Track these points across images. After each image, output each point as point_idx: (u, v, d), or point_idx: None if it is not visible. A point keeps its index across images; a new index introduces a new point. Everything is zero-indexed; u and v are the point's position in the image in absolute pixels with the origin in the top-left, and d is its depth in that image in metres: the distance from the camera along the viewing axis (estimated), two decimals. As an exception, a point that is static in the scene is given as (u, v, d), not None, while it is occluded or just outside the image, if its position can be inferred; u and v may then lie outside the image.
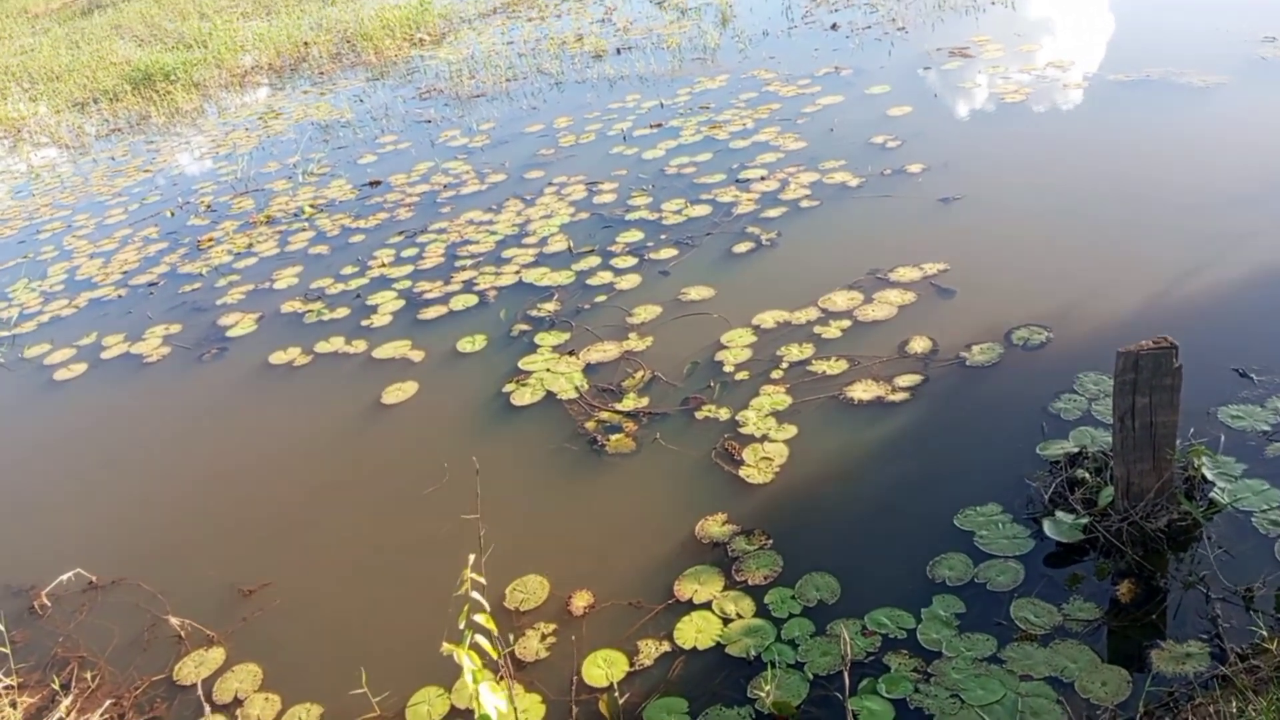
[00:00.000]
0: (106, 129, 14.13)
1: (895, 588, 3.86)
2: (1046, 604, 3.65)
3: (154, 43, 18.51)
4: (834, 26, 11.69)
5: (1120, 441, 3.71)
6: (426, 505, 4.95)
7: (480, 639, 2.19)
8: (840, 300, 5.85)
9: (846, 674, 3.10)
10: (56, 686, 4.19)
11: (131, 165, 12.04)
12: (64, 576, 4.80)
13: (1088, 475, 4.07)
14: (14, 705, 4.11)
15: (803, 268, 6.37)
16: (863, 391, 5.03)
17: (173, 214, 9.91)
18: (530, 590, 4.24)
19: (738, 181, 7.83)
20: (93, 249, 9.37)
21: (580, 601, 4.13)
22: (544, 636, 4.00)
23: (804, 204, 7.22)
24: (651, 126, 9.53)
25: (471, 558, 2.30)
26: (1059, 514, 3.94)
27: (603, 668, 3.78)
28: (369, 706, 3.81)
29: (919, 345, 5.30)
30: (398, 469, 5.30)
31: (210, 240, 8.97)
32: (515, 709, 2.31)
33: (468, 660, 2.14)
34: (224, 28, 18.11)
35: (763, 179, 7.78)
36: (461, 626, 2.25)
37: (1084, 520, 3.87)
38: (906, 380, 5.04)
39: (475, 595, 2.19)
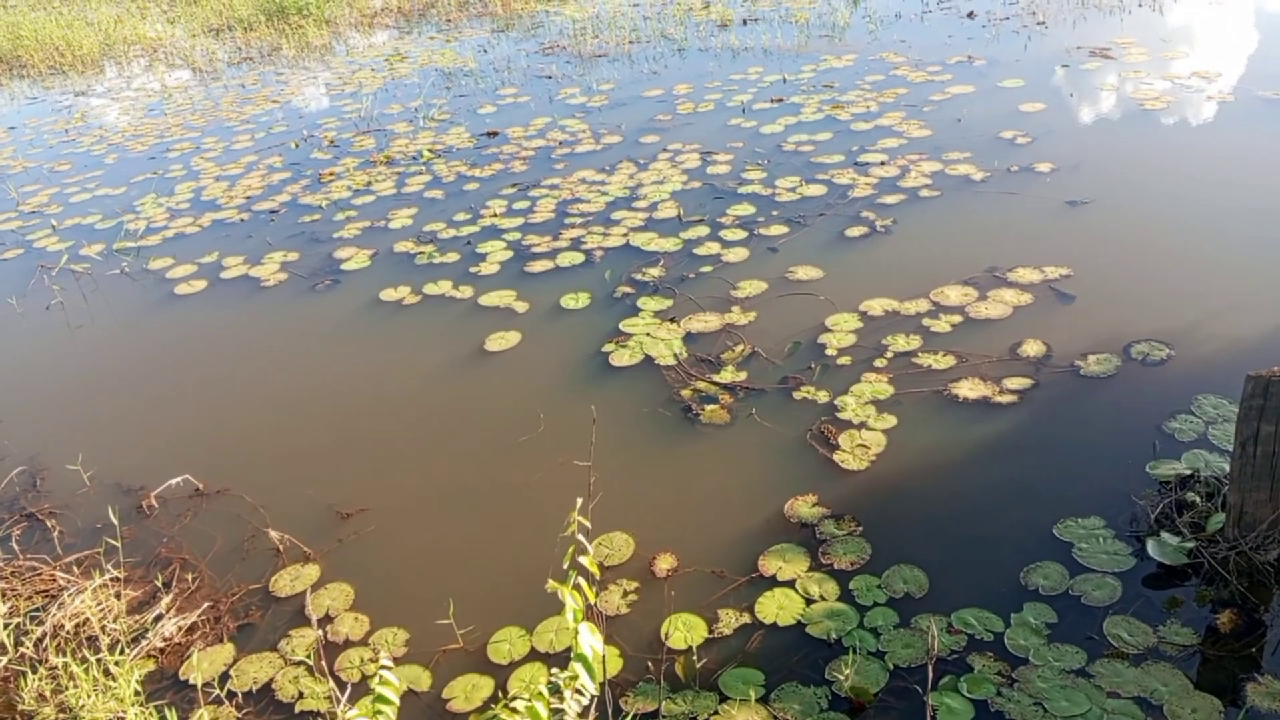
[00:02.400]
0: (238, 56, 14.56)
1: (985, 589, 3.81)
2: (1142, 624, 3.56)
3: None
4: (971, 14, 11.38)
5: (1239, 468, 3.59)
6: (519, 452, 5.04)
7: (581, 582, 2.23)
8: (953, 294, 5.74)
9: (931, 668, 3.08)
10: (159, 584, 4.40)
11: (260, 94, 12.39)
12: (173, 481, 5.03)
13: (1198, 499, 3.95)
14: (118, 596, 4.33)
15: (917, 258, 6.26)
16: (969, 389, 4.94)
17: (297, 145, 10.19)
18: (615, 547, 4.30)
19: (856, 164, 7.72)
20: (219, 171, 9.70)
21: (664, 564, 4.17)
22: (626, 593, 4.05)
23: (923, 193, 7.08)
24: (772, 101, 9.43)
25: (579, 501, 2.34)
26: (1164, 535, 3.83)
27: (682, 630, 3.81)
28: (452, 637, 3.92)
29: (1032, 349, 5.18)
30: (494, 414, 5.40)
31: (331, 175, 9.20)
32: (603, 655, 2.35)
33: (570, 599, 2.19)
34: (358, -33, 18.41)
35: (882, 164, 7.65)
36: (565, 566, 2.29)
37: (1190, 544, 3.75)
38: (1016, 383, 4.94)
39: (580, 539, 2.23)
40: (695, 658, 3.65)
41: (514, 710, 2.25)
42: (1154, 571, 3.79)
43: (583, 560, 2.24)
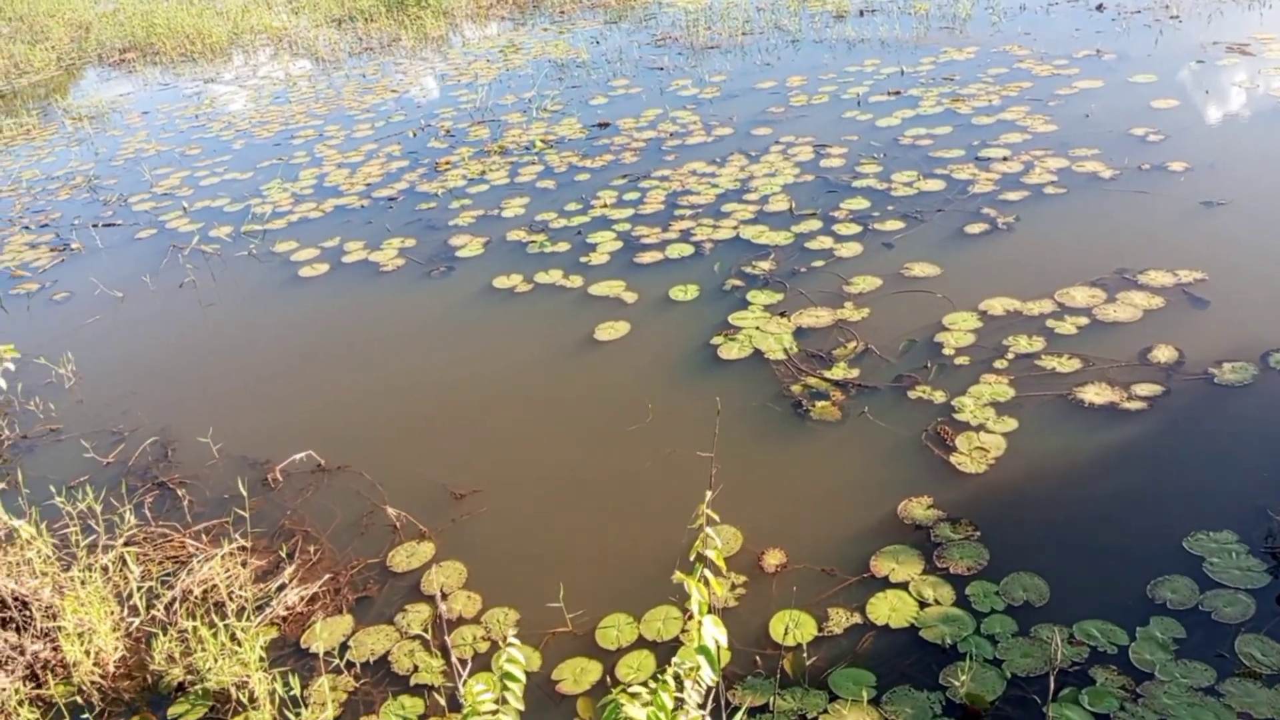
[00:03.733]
0: (359, 47, 14.97)
1: (1109, 601, 3.68)
2: (1277, 643, 3.40)
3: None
4: (1099, 7, 10.97)
5: (1395, 487, 3.38)
6: (628, 441, 5.08)
7: (708, 574, 2.23)
8: (1080, 296, 5.55)
9: (1052, 678, 2.99)
10: (283, 554, 4.57)
11: (380, 84, 12.72)
12: (297, 456, 5.21)
13: (1345, 519, 3.74)
14: (244, 565, 4.51)
15: (1040, 257, 6.07)
16: (1095, 394, 4.77)
17: (415, 135, 10.43)
18: (724, 539, 4.26)
19: (977, 159, 7.52)
20: (340, 159, 10.00)
21: (772, 559, 4.15)
22: (734, 586, 4.04)
23: (1048, 190, 6.86)
24: (889, 94, 9.26)
25: (709, 494, 2.34)
26: (1306, 554, 3.64)
27: (791, 627, 3.79)
28: (561, 620, 3.98)
29: (1163, 354, 4.97)
30: (603, 403, 5.45)
31: (447, 164, 9.39)
32: (723, 649, 2.34)
33: (696, 592, 2.19)
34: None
35: (1005, 159, 7.44)
36: (691, 558, 2.30)
37: (1335, 565, 3.56)
38: (1145, 389, 4.75)
39: (709, 532, 2.23)
40: (805, 655, 3.62)
41: (634, 695, 2.27)
42: (1293, 592, 3.61)
43: (709, 554, 2.24)
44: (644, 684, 2.43)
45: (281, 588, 4.37)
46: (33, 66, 16.65)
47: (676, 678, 2.30)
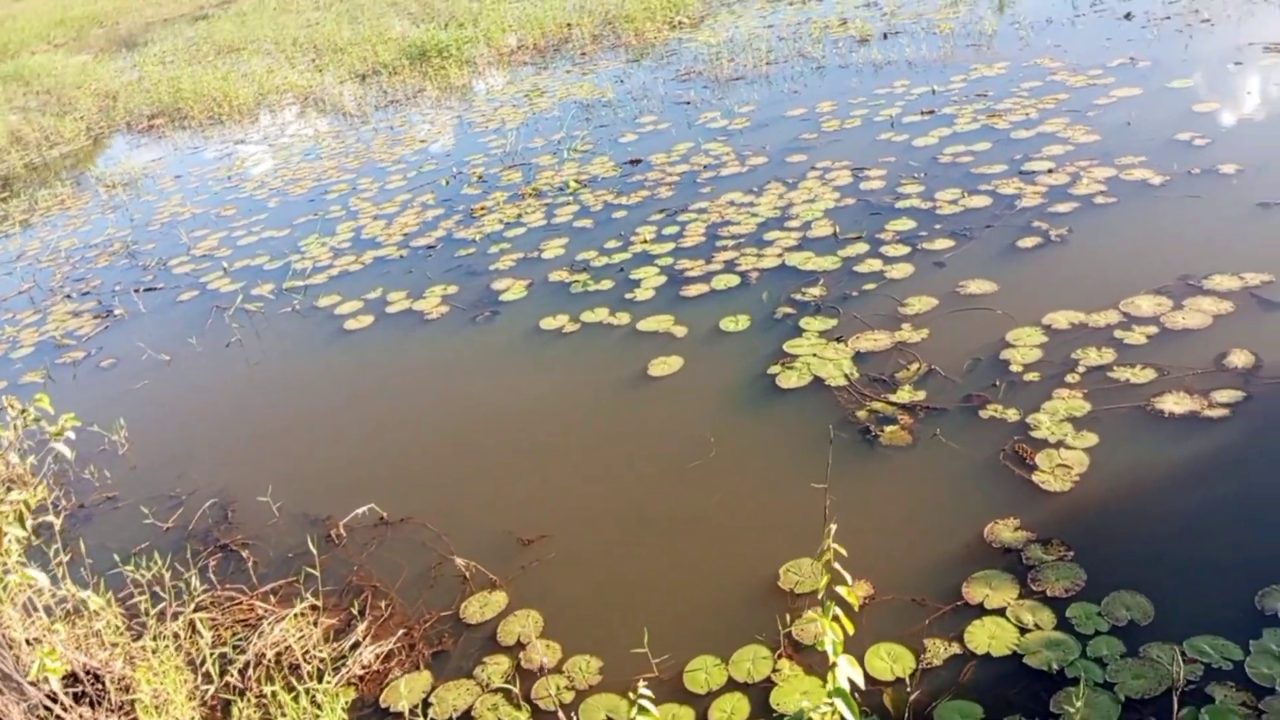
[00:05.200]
0: (385, 100, 15.13)
1: (1217, 615, 3.53)
2: None
3: (426, 20, 19.63)
4: (1128, 16, 10.87)
5: None
6: (693, 477, 4.97)
7: (838, 612, 2.13)
8: (1145, 305, 5.42)
9: (1176, 699, 2.84)
10: (354, 611, 4.48)
11: (409, 135, 12.82)
12: (359, 510, 5.15)
13: None
14: (315, 624, 4.43)
15: (1099, 267, 5.94)
16: (1174, 404, 4.63)
17: (447, 183, 10.46)
18: (805, 573, 4.17)
19: (1021, 173, 7.42)
20: (375, 211, 10.04)
21: (859, 591, 4.02)
22: (822, 622, 3.91)
23: (1098, 200, 6.74)
24: (922, 113, 9.20)
25: (833, 527, 2.24)
26: None
27: (886, 660, 3.65)
28: (646, 666, 3.86)
29: (1239, 359, 4.83)
30: (664, 439, 5.35)
31: (483, 209, 9.40)
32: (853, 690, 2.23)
33: (830, 633, 2.09)
34: (492, 8, 18.98)
35: (1049, 171, 7.33)
36: (820, 596, 2.19)
37: None
38: (1226, 395, 4.60)
39: (838, 567, 2.13)
40: (907, 689, 3.49)
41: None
42: None
43: (840, 590, 2.14)
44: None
45: (355, 646, 4.28)
46: (63, 137, 16.94)
47: (805, 723, 2.19)
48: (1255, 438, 4.35)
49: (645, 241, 7.80)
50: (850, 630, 2.14)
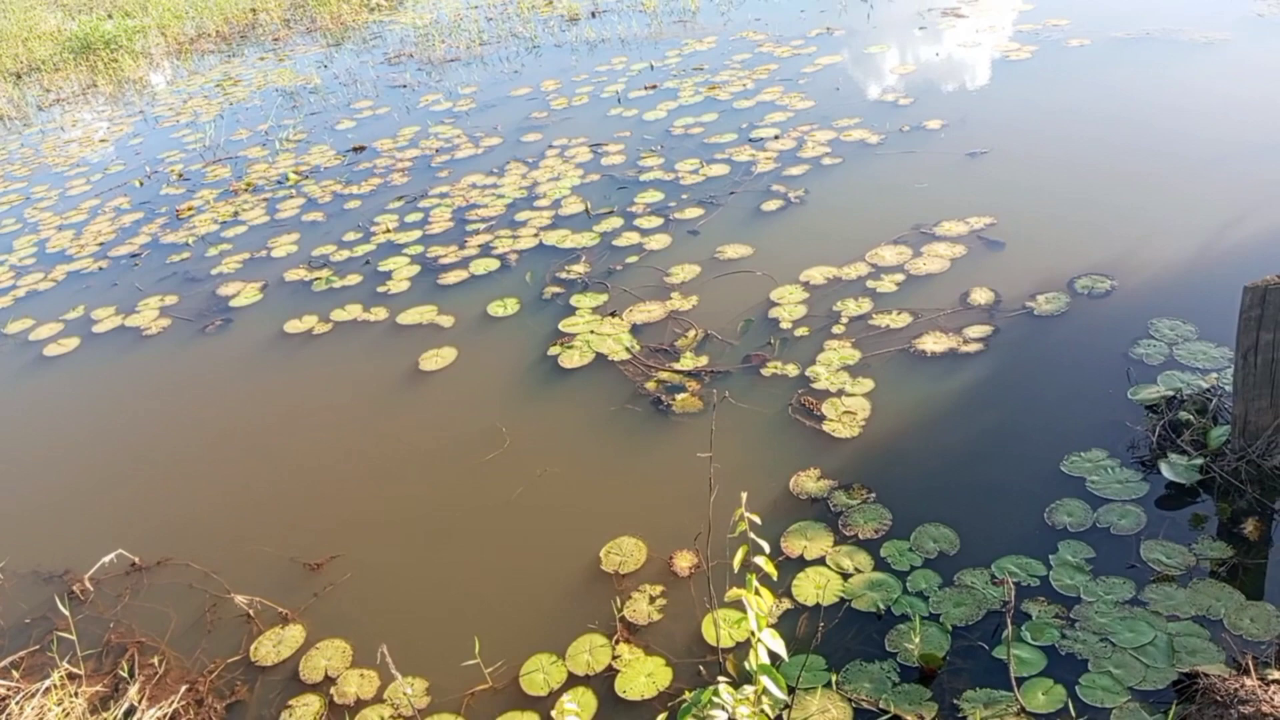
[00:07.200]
0: (49, 99, 13.38)
1: (1015, 535, 3.78)
2: (1176, 545, 3.60)
3: (86, 12, 17.57)
4: (816, -12, 11.57)
5: (1241, 378, 3.68)
6: (490, 470, 4.73)
7: (757, 584, 2.01)
8: (888, 254, 5.75)
9: (1009, 618, 3.00)
10: (123, 674, 3.88)
11: (84, 135, 11.40)
12: (106, 558, 4.45)
13: (1191, 417, 4.04)
14: (75, 695, 3.79)
15: (841, 224, 6.25)
16: (934, 343, 4.94)
17: (142, 183, 9.39)
18: (627, 553, 4.06)
19: (751, 140, 7.68)
20: (60, 220, 8.83)
21: (683, 562, 3.97)
22: (652, 599, 3.83)
23: (826, 161, 7.10)
24: (646, 88, 9.32)
25: (744, 495, 2.12)
26: (1172, 456, 3.90)
27: (725, 627, 3.62)
28: (478, 678, 3.61)
29: (981, 297, 5.23)
30: (451, 436, 5.05)
31: (190, 209, 8.51)
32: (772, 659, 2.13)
33: (752, 607, 1.97)
34: (162, -6, 17.30)
35: (776, 138, 7.64)
36: (737, 569, 2.07)
37: (1199, 461, 3.83)
38: (977, 331, 4.97)
39: (753, 536, 2.01)
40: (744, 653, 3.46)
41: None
42: (1165, 494, 3.85)
43: (759, 561, 2.02)
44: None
45: (130, 712, 3.70)
46: None
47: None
48: (1011, 366, 4.72)
49: (388, 231, 7.36)
50: (771, 601, 2.04)
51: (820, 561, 3.84)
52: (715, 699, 2.08)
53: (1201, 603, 3.37)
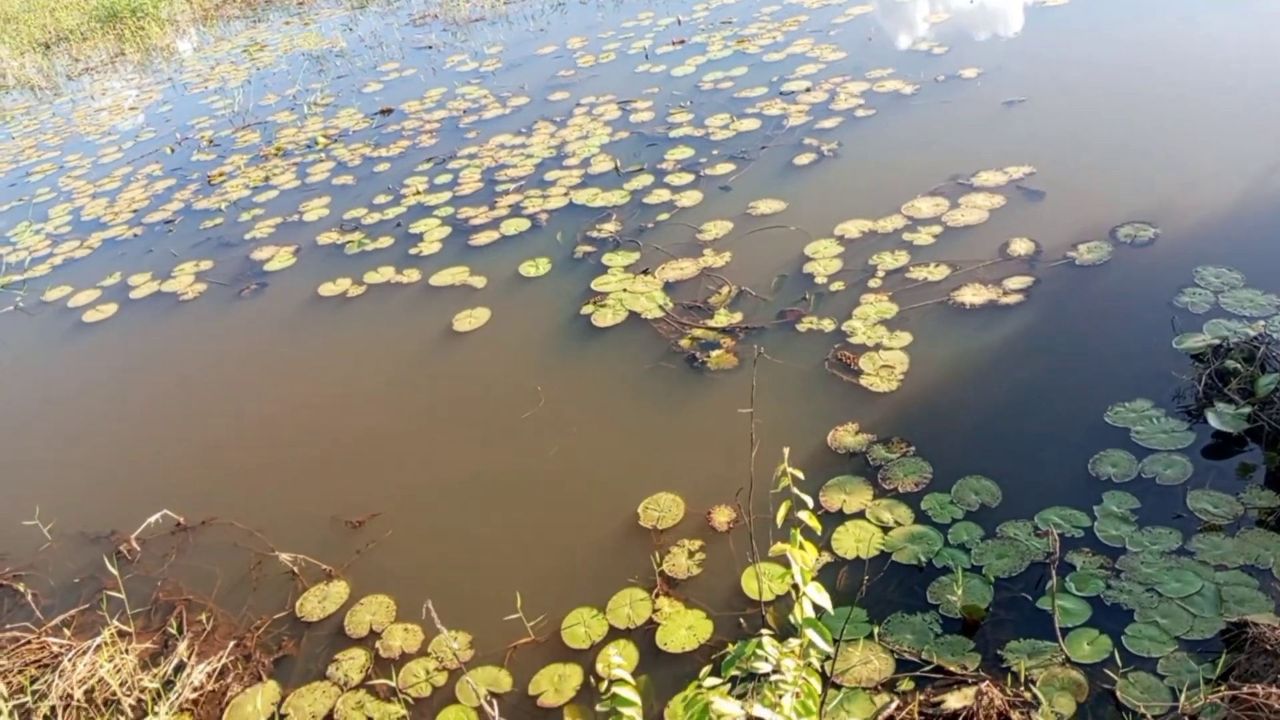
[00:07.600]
0: (78, 69, 13.44)
1: (1058, 487, 3.74)
2: (1223, 494, 3.55)
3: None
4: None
5: (1291, 326, 3.60)
6: (526, 430, 4.74)
7: (801, 539, 2.00)
8: (925, 207, 5.67)
9: (1053, 569, 2.97)
10: (172, 630, 3.95)
11: (114, 103, 11.45)
12: (151, 519, 4.51)
13: (1238, 366, 3.96)
14: (127, 652, 3.86)
15: (875, 176, 6.16)
16: (973, 295, 4.87)
17: (173, 150, 9.43)
18: (664, 508, 4.07)
19: (782, 94, 7.57)
20: (93, 189, 8.90)
21: (722, 517, 3.97)
22: (691, 553, 3.84)
23: (859, 113, 6.99)
24: (674, 43, 9.20)
25: (787, 451, 2.11)
26: (1219, 405, 3.83)
27: (766, 580, 3.62)
28: (520, 632, 3.64)
29: (1021, 247, 5.14)
30: (487, 395, 5.06)
31: (221, 175, 8.54)
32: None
33: (796, 561, 1.96)
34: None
35: (808, 90, 7.53)
36: (779, 524, 2.06)
37: (1247, 409, 3.76)
38: (1016, 282, 4.89)
39: (797, 491, 2.00)
40: (786, 606, 3.47)
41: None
42: (1212, 443, 3.79)
43: (802, 515, 2.01)
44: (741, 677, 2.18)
45: (181, 668, 3.77)
46: None
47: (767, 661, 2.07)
48: (1052, 317, 4.65)
49: (418, 193, 7.35)
50: (815, 555, 2.03)
51: (860, 515, 3.83)
52: (760, 651, 2.08)
53: (1250, 552, 3.32)
